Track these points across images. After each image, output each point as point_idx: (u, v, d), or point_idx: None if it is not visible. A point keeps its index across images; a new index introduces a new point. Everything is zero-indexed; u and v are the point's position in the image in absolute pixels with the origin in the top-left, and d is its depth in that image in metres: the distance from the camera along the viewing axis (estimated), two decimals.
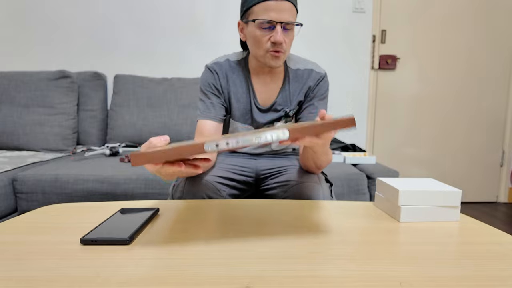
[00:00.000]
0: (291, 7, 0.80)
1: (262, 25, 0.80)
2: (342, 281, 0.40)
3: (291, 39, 0.84)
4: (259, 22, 0.80)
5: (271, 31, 0.81)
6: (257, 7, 0.80)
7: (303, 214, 0.64)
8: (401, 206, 0.60)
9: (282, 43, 0.81)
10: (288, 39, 0.83)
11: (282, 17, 0.79)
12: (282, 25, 0.80)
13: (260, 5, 0.79)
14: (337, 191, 1.41)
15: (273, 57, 0.83)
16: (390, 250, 0.48)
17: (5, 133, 1.75)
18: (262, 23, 0.80)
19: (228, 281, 0.39)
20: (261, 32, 0.82)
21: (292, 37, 0.84)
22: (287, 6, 0.79)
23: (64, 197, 1.32)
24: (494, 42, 2.38)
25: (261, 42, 0.82)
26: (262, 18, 0.79)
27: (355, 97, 2.32)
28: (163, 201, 0.71)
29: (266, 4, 0.78)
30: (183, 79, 2.03)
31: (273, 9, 0.78)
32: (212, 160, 0.87)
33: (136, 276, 0.40)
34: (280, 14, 0.79)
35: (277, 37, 0.79)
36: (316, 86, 0.93)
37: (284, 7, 0.78)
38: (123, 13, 2.14)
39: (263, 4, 0.79)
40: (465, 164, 2.47)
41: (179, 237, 0.52)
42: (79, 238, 0.51)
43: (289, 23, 0.80)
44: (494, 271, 0.43)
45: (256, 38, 0.83)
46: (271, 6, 0.78)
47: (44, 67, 2.15)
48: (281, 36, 0.80)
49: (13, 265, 0.43)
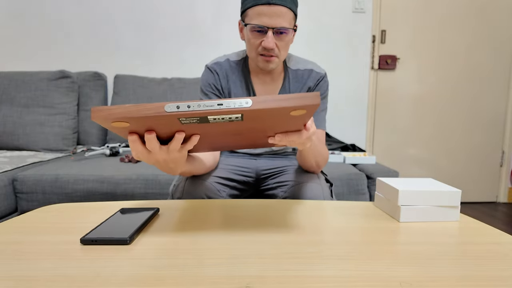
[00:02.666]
0: (286, 12, 0.78)
1: (254, 29, 0.80)
2: (342, 281, 0.40)
3: (286, 43, 0.83)
4: (251, 27, 0.80)
5: (263, 36, 0.81)
6: (251, 11, 0.79)
7: (303, 214, 0.64)
8: (401, 206, 0.60)
9: (273, 48, 0.80)
10: (283, 43, 0.82)
11: (273, 23, 0.78)
12: (274, 30, 0.79)
13: (253, 9, 0.79)
14: (337, 191, 1.41)
15: (264, 61, 0.83)
16: (390, 250, 0.48)
17: (5, 133, 1.75)
18: (254, 27, 0.80)
19: (228, 280, 0.39)
20: (253, 36, 0.81)
21: (287, 41, 0.83)
22: (281, 11, 0.77)
23: (64, 197, 1.32)
24: (493, 42, 2.38)
25: (253, 45, 0.83)
26: (254, 22, 0.79)
27: (355, 97, 2.32)
28: (163, 201, 0.71)
29: (259, 9, 0.77)
30: (183, 79, 2.03)
31: (266, 14, 0.77)
32: (215, 162, 0.87)
33: (136, 276, 0.40)
34: (272, 19, 0.78)
35: (266, 43, 0.79)
36: (316, 86, 0.93)
37: (277, 12, 0.77)
38: (124, 13, 2.14)
39: (256, 8, 0.78)
40: (465, 164, 2.47)
41: (179, 237, 0.52)
42: (79, 238, 0.51)
43: (281, 29, 0.79)
44: (494, 271, 0.43)
45: (249, 41, 0.83)
46: (263, 11, 0.77)
47: (44, 67, 2.15)
48: (272, 41, 0.79)
49: (13, 265, 0.43)
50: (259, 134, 0.56)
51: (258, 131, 0.54)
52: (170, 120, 0.45)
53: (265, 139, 0.60)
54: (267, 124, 0.51)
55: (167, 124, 0.47)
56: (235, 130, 0.52)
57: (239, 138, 0.58)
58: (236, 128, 0.52)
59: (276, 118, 0.49)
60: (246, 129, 0.52)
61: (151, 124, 0.47)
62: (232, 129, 0.52)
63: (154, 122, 0.46)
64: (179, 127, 0.49)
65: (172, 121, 0.46)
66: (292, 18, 0.81)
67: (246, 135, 0.56)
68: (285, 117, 0.48)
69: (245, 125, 0.50)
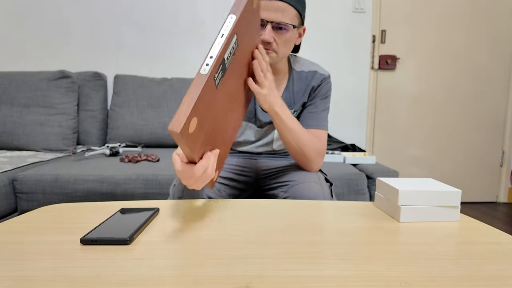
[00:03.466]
0: (287, 8, 0.79)
1: None
2: (341, 280, 0.40)
3: (285, 40, 0.83)
4: None
5: (263, 29, 0.82)
6: None
7: (303, 214, 0.64)
8: (400, 206, 0.60)
9: (270, 42, 0.81)
10: (282, 40, 0.82)
11: (271, 17, 0.79)
12: (273, 24, 0.80)
13: None
14: (337, 191, 1.41)
15: None
16: (390, 250, 0.48)
17: (5, 133, 1.75)
18: None
19: (228, 280, 0.39)
20: None
21: (287, 38, 0.83)
22: (281, 6, 0.79)
23: (64, 197, 1.32)
24: (493, 42, 2.38)
25: None
26: None
27: (355, 97, 2.32)
28: (163, 201, 0.71)
29: (262, 3, 0.79)
30: (183, 79, 2.03)
31: (266, 8, 0.79)
32: None
33: (136, 276, 0.40)
34: (271, 13, 0.79)
35: (263, 36, 0.80)
36: (318, 86, 0.93)
37: (275, 7, 0.79)
38: (124, 13, 2.14)
39: (260, 3, 0.80)
40: (465, 164, 2.47)
41: (179, 237, 0.52)
42: (79, 238, 0.51)
43: (280, 23, 0.80)
44: (493, 271, 0.43)
45: None
46: (265, 5, 0.79)
47: (44, 67, 2.15)
48: (269, 35, 0.80)
49: (13, 265, 0.43)
50: (244, 83, 0.68)
51: (244, 71, 0.67)
52: (210, 85, 0.49)
53: (247, 90, 0.73)
54: (246, 42, 0.63)
55: (212, 95, 0.51)
56: (237, 82, 0.63)
57: (237, 104, 0.66)
58: (237, 81, 0.62)
59: (248, 27, 0.62)
60: (240, 70, 0.64)
61: (207, 104, 0.50)
62: (236, 81, 0.62)
63: (207, 99, 0.50)
64: (214, 92, 0.52)
65: (212, 88, 0.50)
66: (295, 15, 0.82)
67: (239, 93, 0.66)
68: (254, 21, 0.64)
69: (239, 58, 0.60)
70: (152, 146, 1.99)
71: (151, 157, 1.57)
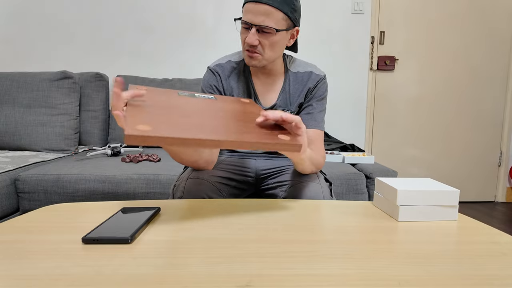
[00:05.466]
0: (272, 11, 0.79)
1: (242, 25, 0.84)
2: (341, 280, 0.40)
3: (271, 43, 0.83)
4: (239, 22, 0.84)
5: (248, 32, 0.83)
6: (244, 8, 0.83)
7: (302, 213, 0.65)
8: (399, 206, 0.61)
9: (254, 45, 0.82)
10: (267, 42, 0.82)
11: (255, 20, 0.80)
12: (257, 27, 0.81)
13: (245, 6, 0.83)
14: (336, 190, 1.41)
15: (248, 57, 0.86)
16: (389, 249, 0.49)
17: (7, 133, 1.76)
18: (242, 23, 0.84)
19: (228, 279, 0.40)
20: (241, 32, 0.86)
21: (272, 40, 0.82)
22: (266, 9, 0.79)
23: (66, 196, 1.33)
24: (492, 43, 2.38)
25: (241, 41, 0.87)
26: (242, 19, 0.83)
27: (354, 98, 2.32)
28: (164, 201, 0.72)
29: (247, 6, 0.81)
30: (184, 80, 2.04)
31: (251, 11, 0.80)
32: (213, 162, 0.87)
33: (137, 275, 0.41)
34: (256, 16, 0.79)
35: (247, 38, 0.81)
36: (314, 87, 0.93)
37: (260, 10, 0.79)
38: (125, 14, 2.15)
39: (246, 5, 0.82)
40: (463, 164, 2.48)
41: (179, 236, 0.53)
42: (81, 237, 0.51)
43: (262, 27, 0.80)
44: (492, 270, 0.43)
45: (240, 37, 0.87)
46: (249, 8, 0.80)
47: (46, 67, 2.15)
48: (253, 37, 0.81)
49: (15, 264, 0.43)
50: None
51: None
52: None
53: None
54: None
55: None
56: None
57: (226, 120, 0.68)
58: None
59: None
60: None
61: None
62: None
63: None
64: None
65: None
66: (282, 18, 0.81)
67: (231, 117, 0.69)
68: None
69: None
70: (153, 146, 1.99)
71: (152, 157, 1.58)
